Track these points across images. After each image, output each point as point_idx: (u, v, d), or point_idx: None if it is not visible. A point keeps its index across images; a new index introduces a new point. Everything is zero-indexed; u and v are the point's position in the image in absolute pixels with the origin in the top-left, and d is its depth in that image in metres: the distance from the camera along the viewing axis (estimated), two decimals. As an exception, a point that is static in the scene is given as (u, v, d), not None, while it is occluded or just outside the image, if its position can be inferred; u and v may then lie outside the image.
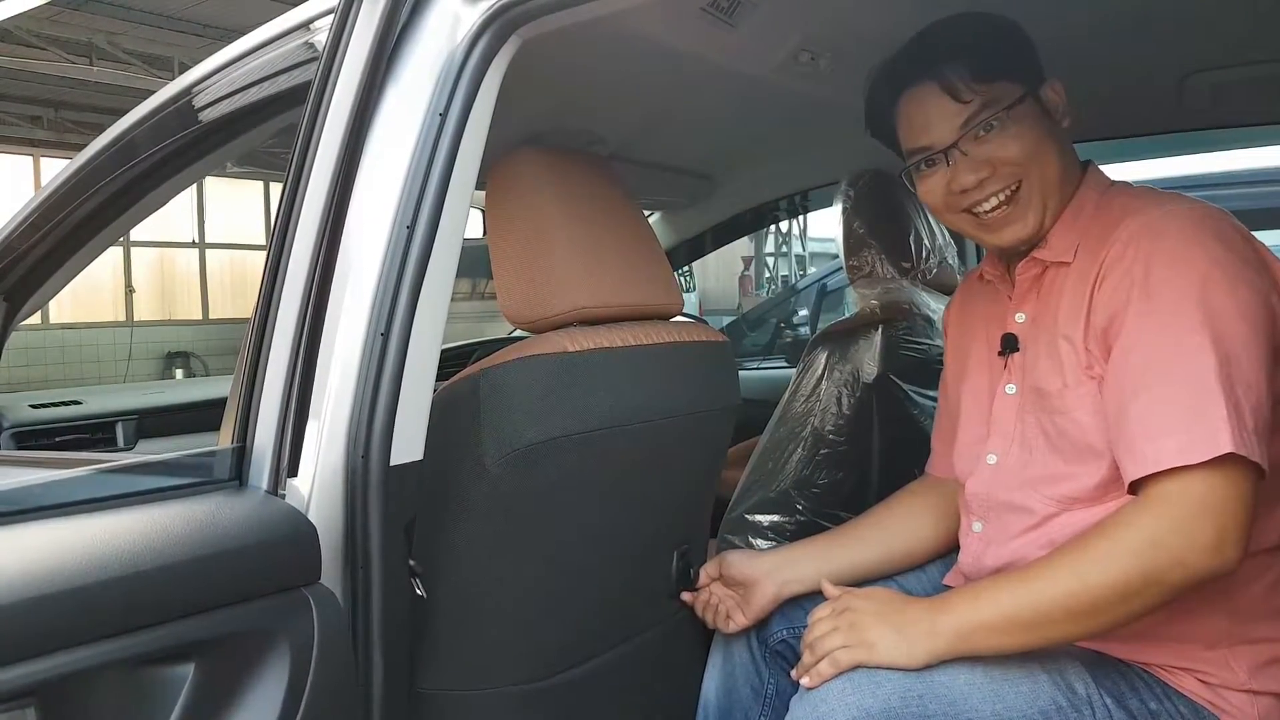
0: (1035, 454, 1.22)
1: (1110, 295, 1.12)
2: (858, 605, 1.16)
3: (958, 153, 1.21)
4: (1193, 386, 1.02)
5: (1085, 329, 1.15)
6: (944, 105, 1.21)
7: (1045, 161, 1.20)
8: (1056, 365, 1.18)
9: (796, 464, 1.85)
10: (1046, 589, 1.06)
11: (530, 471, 1.17)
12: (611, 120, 1.71)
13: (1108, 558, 1.03)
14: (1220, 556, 1.00)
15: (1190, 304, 1.05)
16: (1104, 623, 1.05)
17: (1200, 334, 1.04)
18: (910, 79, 1.24)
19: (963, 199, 1.22)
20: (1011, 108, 1.19)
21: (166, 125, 1.44)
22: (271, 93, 1.29)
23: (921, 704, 1.07)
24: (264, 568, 0.87)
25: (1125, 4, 1.38)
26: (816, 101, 1.72)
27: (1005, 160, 1.20)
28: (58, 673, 0.70)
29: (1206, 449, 1.00)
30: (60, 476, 0.89)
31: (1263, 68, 1.66)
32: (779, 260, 14.43)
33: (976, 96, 1.19)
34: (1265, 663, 1.13)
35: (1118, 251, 1.13)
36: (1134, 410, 1.06)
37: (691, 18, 1.29)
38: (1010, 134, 1.19)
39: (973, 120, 1.20)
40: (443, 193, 1.04)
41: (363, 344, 1.00)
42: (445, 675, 1.22)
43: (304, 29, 1.28)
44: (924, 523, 1.45)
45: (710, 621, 1.45)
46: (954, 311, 1.50)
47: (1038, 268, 1.25)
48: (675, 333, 1.37)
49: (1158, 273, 1.08)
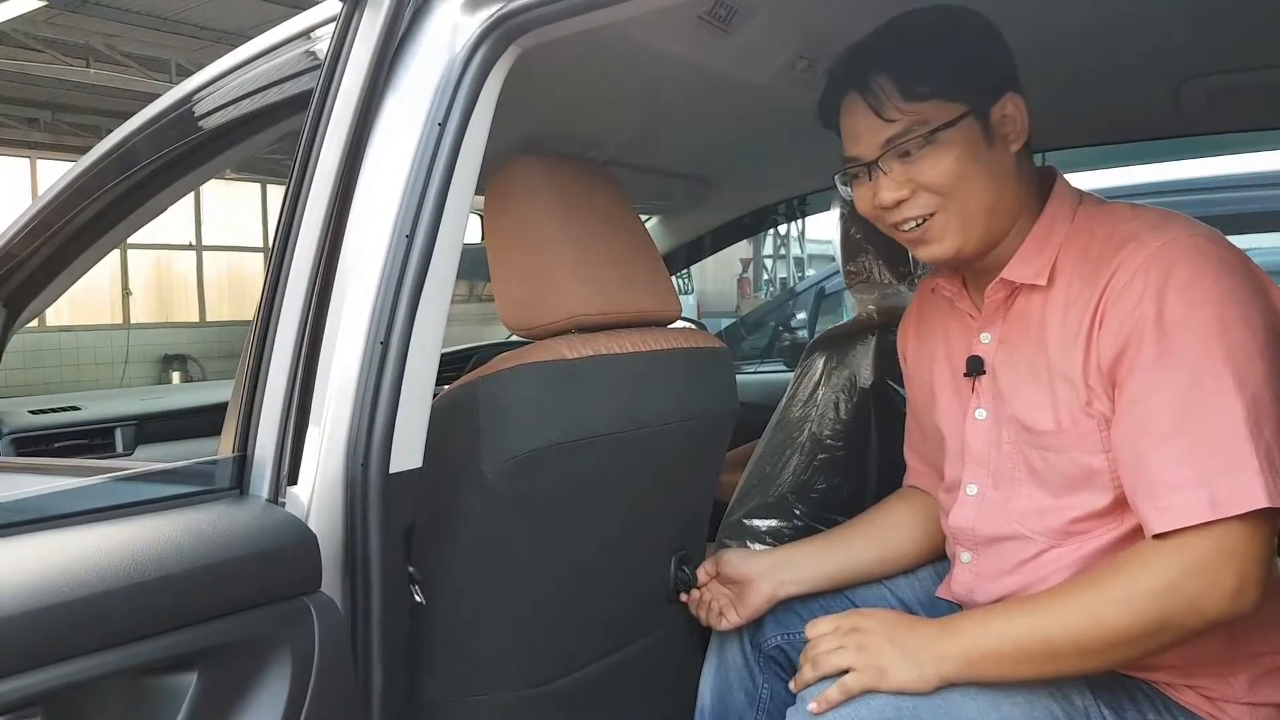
0: (1019, 486, 1.19)
1: (1117, 331, 1.07)
2: (867, 625, 1.14)
3: (879, 169, 1.17)
4: (1221, 434, 1.00)
5: (1085, 364, 1.10)
6: (869, 120, 1.16)
7: (969, 190, 1.14)
8: (1047, 401, 1.14)
9: (794, 469, 1.85)
10: (1058, 623, 1.05)
11: (528, 478, 1.18)
12: (609, 126, 1.72)
13: (1124, 599, 1.02)
14: (1239, 603, 0.99)
15: (1211, 345, 1.02)
16: (1113, 660, 1.05)
17: (1223, 377, 1.00)
18: (845, 88, 1.20)
19: (885, 215, 1.19)
20: (939, 130, 1.13)
21: (168, 131, 1.44)
22: (273, 100, 1.29)
23: (916, 715, 1.07)
24: (266, 576, 0.88)
25: (1121, 11, 1.39)
26: (812, 107, 1.73)
27: (925, 185, 1.14)
28: (63, 683, 0.70)
29: (1241, 502, 0.97)
30: (63, 485, 0.90)
31: (1259, 74, 1.67)
32: (777, 262, 14.44)
33: (902, 116, 1.14)
34: (1263, 674, 1.12)
35: (1121, 283, 1.08)
36: (1155, 458, 1.03)
37: (689, 25, 1.30)
38: (935, 158, 1.13)
39: (895, 140, 1.14)
40: (442, 201, 1.04)
41: (362, 352, 1.01)
42: (444, 682, 1.22)
43: (304, 37, 1.28)
44: (915, 525, 1.45)
45: (704, 618, 1.45)
46: (911, 325, 1.45)
47: (1006, 289, 1.20)
48: (673, 339, 1.37)
49: (1172, 311, 1.04)
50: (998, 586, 1.22)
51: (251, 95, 1.32)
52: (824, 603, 1.41)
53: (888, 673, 1.09)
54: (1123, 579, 1.03)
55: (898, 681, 1.08)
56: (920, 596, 1.43)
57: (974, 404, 1.26)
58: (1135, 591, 1.01)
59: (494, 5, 1.07)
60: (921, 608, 1.40)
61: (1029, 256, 1.18)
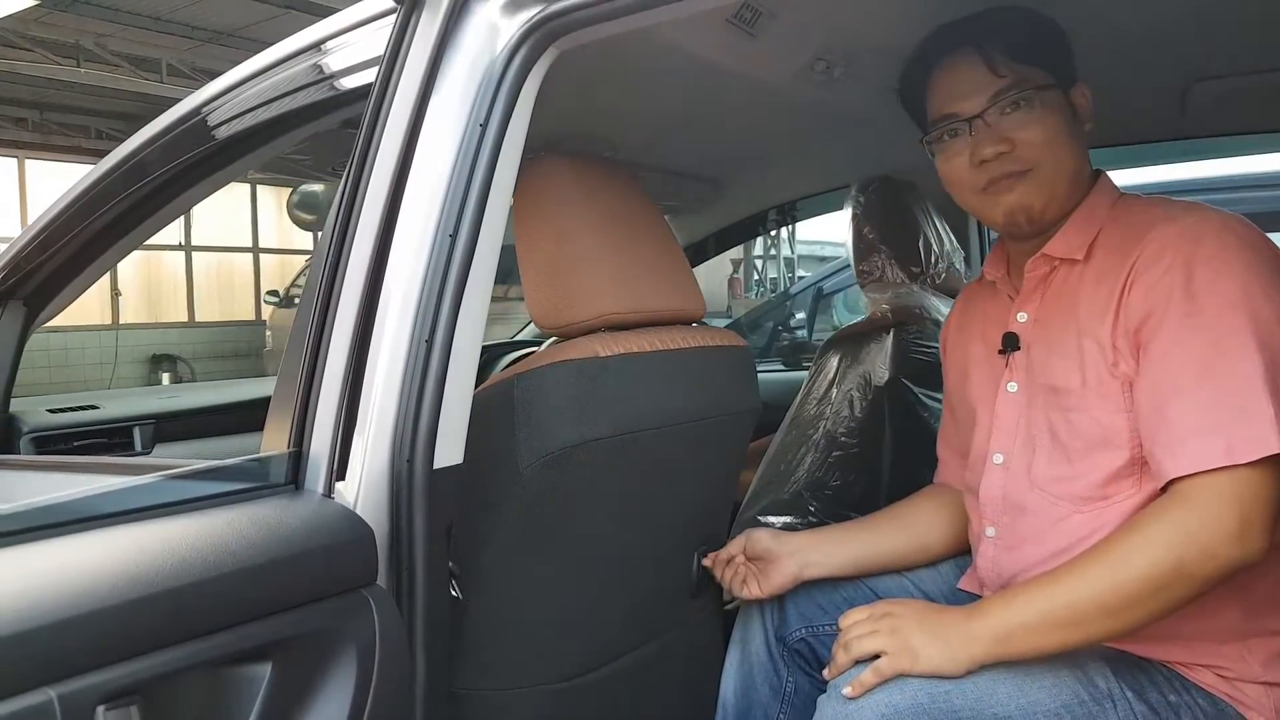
0: (1039, 452, 1.24)
1: (1146, 295, 1.14)
2: (898, 611, 1.17)
3: (982, 123, 1.24)
4: (1239, 387, 1.05)
5: (1114, 327, 1.17)
6: (979, 75, 1.24)
7: (1061, 153, 1.23)
8: (1074, 363, 1.20)
9: (809, 466, 1.88)
10: (1080, 586, 1.08)
11: (563, 474, 1.19)
12: (626, 126, 1.74)
13: (1139, 551, 1.06)
14: (1244, 545, 1.03)
15: (1234, 308, 1.08)
16: (1139, 617, 1.07)
17: (1245, 337, 1.06)
18: (952, 46, 1.28)
19: (980, 173, 1.25)
20: (1041, 90, 1.23)
21: (184, 138, 1.46)
22: (298, 104, 1.31)
23: (948, 699, 1.09)
24: (330, 569, 0.89)
25: (1131, 15, 1.41)
26: (827, 108, 1.75)
27: (1025, 140, 1.22)
28: (156, 672, 0.72)
29: (1255, 449, 1.02)
30: (134, 482, 0.91)
31: (1266, 77, 1.70)
32: (768, 263, 14.47)
33: (1011, 73, 1.23)
34: (1279, 653, 1.16)
35: (1153, 253, 1.15)
36: (1176, 409, 1.08)
37: (716, 27, 1.32)
38: (1035, 116, 1.23)
39: (1003, 94, 1.23)
40: (483, 201, 1.06)
41: (407, 350, 1.02)
42: (479, 675, 1.23)
43: (315, 49, 1.31)
44: (941, 519, 1.48)
45: (726, 584, 1.46)
46: (954, 319, 1.52)
47: (1047, 265, 1.27)
48: (699, 337, 1.39)
49: (1200, 277, 1.11)
50: (1022, 556, 1.26)
51: (276, 100, 1.34)
52: (846, 594, 1.43)
53: (920, 655, 1.11)
54: (1137, 532, 1.07)
55: (930, 664, 1.11)
56: (943, 589, 1.45)
57: (1007, 378, 1.32)
58: (1148, 542, 1.06)
59: (535, 7, 1.08)
60: (944, 599, 1.43)
61: (1070, 234, 1.26)
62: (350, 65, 1.22)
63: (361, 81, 1.20)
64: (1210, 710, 1.14)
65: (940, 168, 1.31)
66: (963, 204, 1.33)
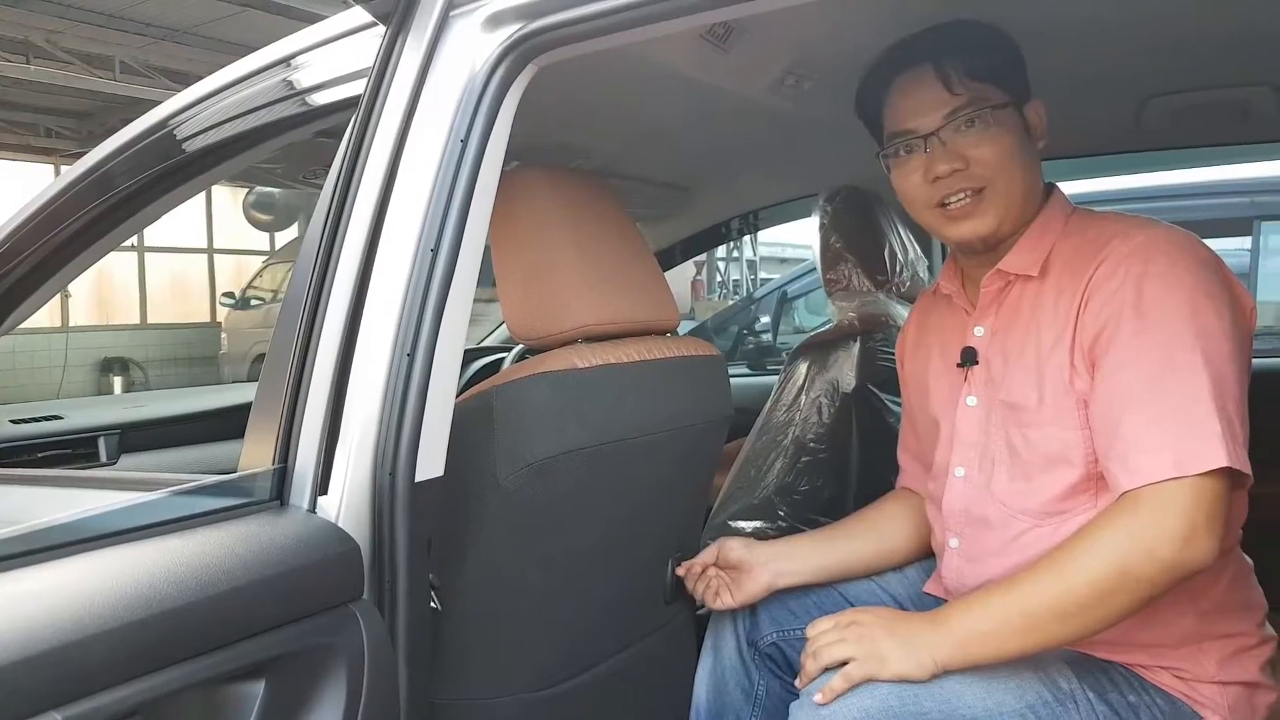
0: (999, 467, 1.28)
1: (1099, 312, 1.17)
2: (865, 619, 1.20)
3: (937, 140, 1.27)
4: (1188, 402, 1.09)
5: (1071, 345, 1.20)
6: (935, 92, 1.27)
7: (1014, 170, 1.26)
8: (1032, 381, 1.23)
9: (778, 472, 1.91)
10: (1033, 593, 1.11)
11: (542, 485, 1.21)
12: (600, 136, 1.75)
13: (1086, 556, 1.09)
14: (1190, 549, 1.06)
15: (1183, 324, 1.12)
16: (1091, 622, 1.10)
17: (1193, 354, 1.10)
18: (909, 63, 1.30)
19: (934, 188, 1.27)
20: (996, 109, 1.25)
21: (155, 148, 1.45)
22: (274, 116, 1.31)
23: (917, 702, 1.12)
24: (319, 585, 0.90)
25: (1087, 32, 1.46)
26: (796, 119, 1.78)
27: (979, 158, 1.25)
28: (157, 693, 0.72)
29: (1202, 462, 1.06)
30: (124, 501, 0.91)
31: (1215, 93, 1.76)
32: (730, 265, 14.56)
33: (966, 91, 1.25)
34: (1232, 654, 1.21)
35: (1107, 270, 1.18)
36: (1128, 424, 1.11)
37: (690, 43, 1.35)
38: (989, 134, 1.25)
39: (958, 111, 1.25)
40: (464, 216, 1.07)
41: (388, 364, 1.03)
42: (459, 686, 1.24)
43: (289, 62, 1.31)
44: (908, 523, 1.51)
45: (699, 595, 1.48)
46: (910, 331, 1.55)
47: (1002, 280, 1.30)
48: (674, 348, 1.41)
49: (1150, 293, 1.14)
50: (985, 569, 1.29)
51: (251, 112, 1.34)
52: (817, 599, 1.46)
53: (888, 661, 1.14)
54: (1085, 539, 1.11)
55: (897, 669, 1.13)
56: (910, 593, 1.49)
57: (966, 391, 1.34)
58: (1096, 546, 1.09)
59: (514, 25, 1.09)
60: (911, 603, 1.46)
61: (1024, 251, 1.28)
62: (327, 79, 1.22)
63: (339, 95, 1.20)
64: (1168, 709, 1.18)
65: (895, 183, 1.34)
66: (917, 219, 1.35)
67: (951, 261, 1.44)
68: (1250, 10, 1.39)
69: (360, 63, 1.17)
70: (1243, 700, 1.20)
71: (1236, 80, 1.71)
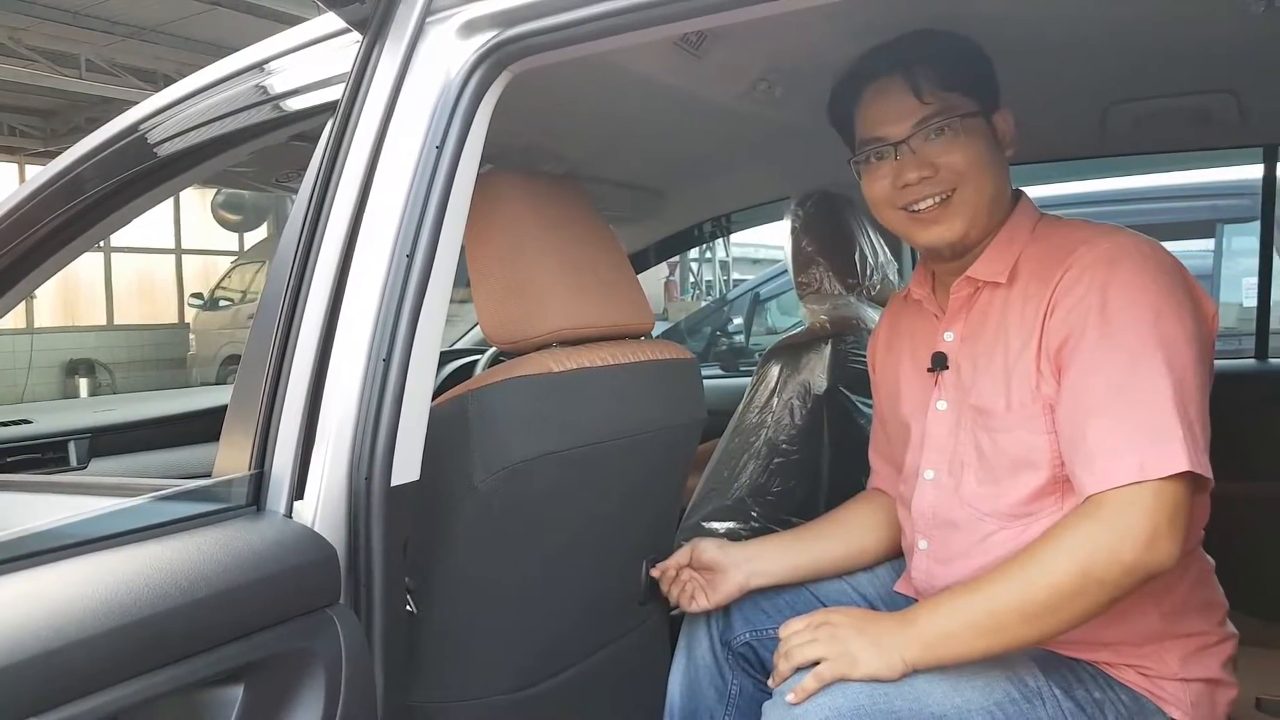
0: (968, 470, 1.30)
1: (1064, 319, 1.20)
2: (836, 620, 1.22)
3: (907, 148, 1.29)
4: (1151, 408, 1.11)
5: (1037, 351, 1.22)
6: (905, 101, 1.29)
7: (982, 177, 1.29)
8: (1000, 386, 1.26)
9: (751, 473, 1.92)
10: (999, 595, 1.14)
11: (517, 488, 1.21)
12: (573, 139, 1.76)
13: (1051, 559, 1.12)
14: (1153, 552, 1.08)
15: (1146, 331, 1.14)
16: (1056, 623, 1.13)
17: (1155, 358, 1.13)
18: (880, 72, 1.32)
19: (903, 194, 1.30)
20: (964, 118, 1.28)
21: (129, 151, 1.44)
22: (241, 124, 1.31)
23: (888, 701, 1.14)
24: (297, 590, 0.90)
25: (1054, 41, 1.48)
26: (769, 124, 1.80)
27: (947, 165, 1.28)
28: (137, 698, 0.73)
29: (1165, 466, 1.08)
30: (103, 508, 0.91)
31: (1176, 100, 1.80)
32: (702, 265, 14.61)
33: (936, 100, 1.28)
34: (1193, 652, 1.24)
35: (1072, 278, 1.21)
36: (1093, 429, 1.14)
37: (664, 50, 1.36)
38: (958, 142, 1.28)
39: (927, 120, 1.28)
40: (439, 222, 1.07)
41: (364, 369, 1.03)
42: (434, 688, 1.25)
43: (259, 69, 1.31)
44: (878, 523, 1.54)
45: (674, 598, 1.50)
46: (881, 334, 1.57)
47: (970, 287, 1.33)
48: (648, 351, 1.43)
49: (1114, 301, 1.17)
50: (953, 570, 1.32)
51: (227, 116, 1.33)
52: (790, 599, 1.48)
53: (858, 661, 1.16)
54: (1051, 542, 1.13)
55: (868, 669, 1.15)
56: (880, 592, 1.51)
57: (936, 396, 1.37)
58: (1060, 548, 1.11)
59: (489, 32, 1.10)
60: (881, 602, 1.48)
61: (992, 258, 1.31)
62: (302, 84, 1.22)
63: (315, 100, 1.20)
64: (1132, 705, 1.21)
65: (865, 189, 1.36)
66: (885, 223, 1.38)
67: (922, 267, 1.46)
68: (1210, 20, 1.42)
69: (335, 68, 1.17)
70: (1204, 696, 1.24)
71: (1197, 88, 1.75)
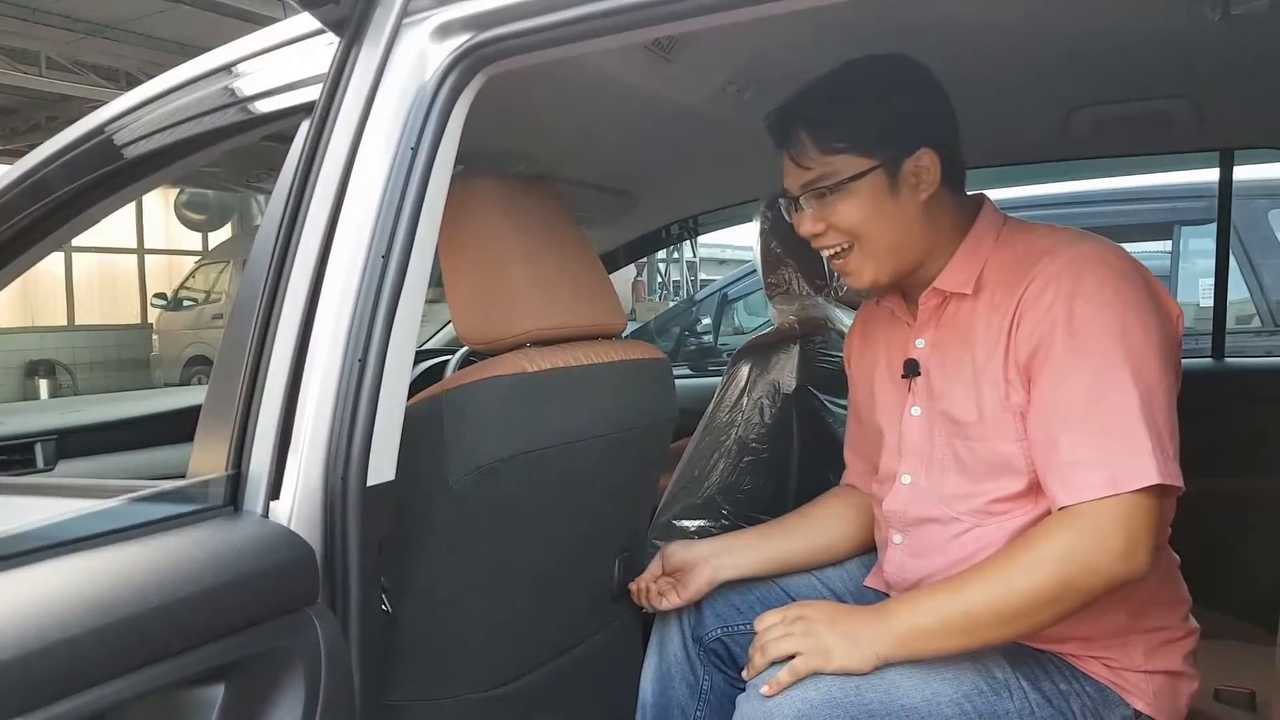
0: (947, 474, 1.32)
1: (1032, 331, 1.22)
2: (810, 614, 1.24)
3: (799, 205, 1.34)
4: (1120, 421, 1.14)
5: (1005, 361, 1.24)
6: (790, 165, 1.35)
7: (875, 232, 1.30)
8: (971, 397, 1.28)
9: (721, 471, 1.94)
10: (977, 596, 1.16)
11: (491, 487, 1.22)
12: (543, 141, 1.77)
13: (1031, 567, 1.14)
14: (1129, 563, 1.12)
15: (1113, 342, 1.17)
16: (1030, 625, 1.16)
17: (1123, 371, 1.15)
18: (780, 130, 1.36)
19: (814, 242, 1.36)
20: (846, 182, 1.28)
21: (97, 151, 1.43)
22: (213, 124, 1.31)
23: (859, 694, 1.16)
24: (276, 590, 0.91)
25: (1017, 47, 1.52)
26: (737, 127, 1.82)
27: (835, 224, 1.31)
28: (122, 697, 0.73)
29: (1136, 479, 1.11)
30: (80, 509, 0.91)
31: (1134, 105, 1.85)
32: (670, 266, 14.65)
33: (816, 165, 1.30)
34: (1157, 646, 1.28)
35: (1038, 289, 1.23)
36: (1064, 442, 1.16)
37: (636, 53, 1.38)
38: (845, 203, 1.30)
39: (810, 184, 1.32)
40: (414, 223, 1.08)
41: (340, 369, 1.04)
42: (408, 687, 1.26)
43: (225, 71, 1.31)
44: (847, 519, 1.56)
45: (646, 603, 1.51)
46: (856, 337, 1.60)
47: (938, 298, 1.35)
48: (621, 351, 1.44)
49: (1080, 312, 1.19)
50: (926, 564, 1.34)
51: (198, 116, 1.33)
52: (760, 595, 1.50)
53: (832, 655, 1.18)
54: (1030, 550, 1.16)
55: (841, 663, 1.17)
56: (850, 587, 1.53)
57: (910, 402, 1.39)
58: (1040, 559, 1.14)
59: (464, 35, 1.11)
60: (851, 597, 1.50)
61: (957, 269, 1.33)
62: (276, 85, 1.22)
63: (288, 101, 1.20)
64: (1097, 696, 1.24)
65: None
66: None
67: None
68: (1169, 27, 1.46)
69: (308, 70, 1.18)
70: (1167, 688, 1.27)
71: (1157, 93, 1.79)
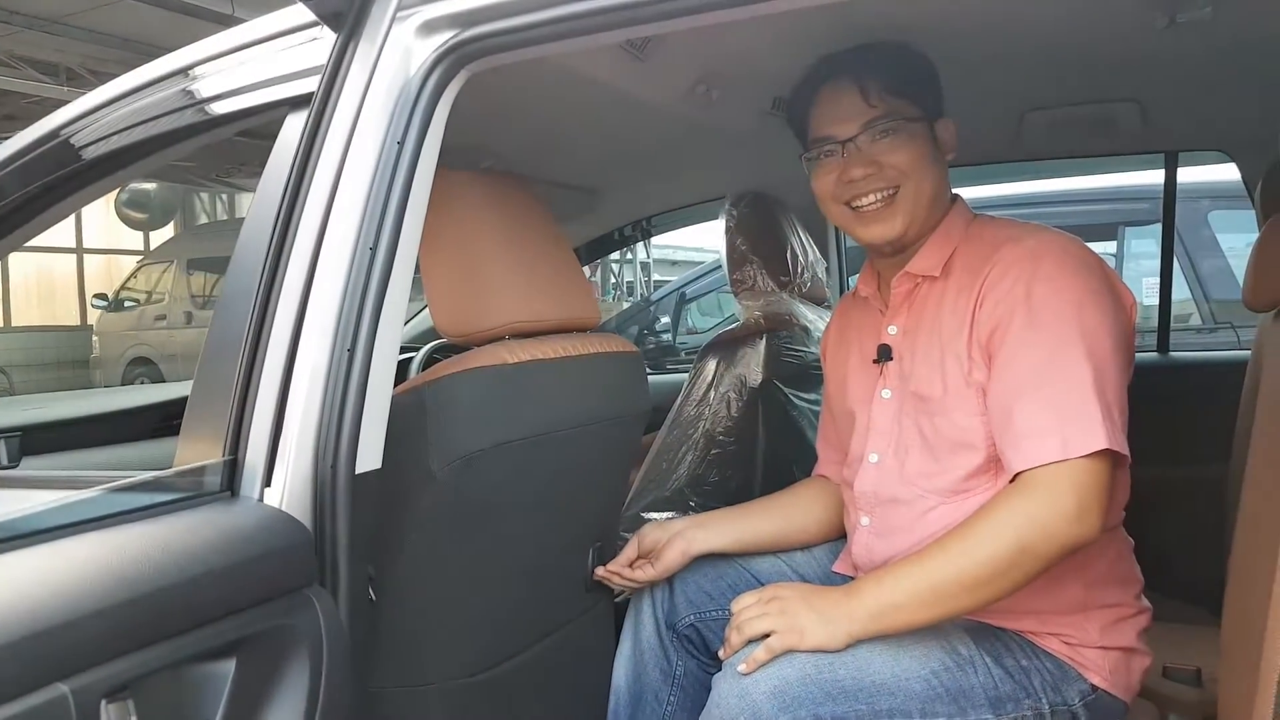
0: (911, 453, 1.39)
1: (993, 310, 1.29)
2: (784, 594, 1.28)
3: (854, 147, 1.39)
4: (1072, 391, 1.21)
5: (969, 339, 1.32)
6: (855, 103, 1.39)
7: (923, 178, 1.39)
8: (937, 373, 1.35)
9: (689, 464, 1.98)
10: (941, 568, 1.22)
11: (474, 477, 1.25)
12: (511, 138, 1.80)
13: (990, 534, 1.20)
14: (1081, 525, 1.18)
15: (1068, 321, 1.24)
16: (993, 592, 1.21)
17: (1077, 348, 1.22)
18: (833, 76, 1.42)
19: (848, 189, 1.40)
20: (909, 122, 1.38)
21: (66, 147, 1.43)
22: (184, 122, 1.31)
23: (832, 670, 1.21)
24: (280, 570, 0.93)
25: (969, 49, 1.57)
26: (706, 127, 1.87)
27: (891, 164, 1.38)
28: (145, 669, 0.76)
29: (1085, 444, 1.18)
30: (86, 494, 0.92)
31: (1085, 109, 1.92)
32: (623, 267, 14.68)
33: (883, 104, 1.38)
34: (1113, 622, 1.34)
35: (999, 273, 1.30)
36: (1019, 411, 1.23)
37: (609, 51, 1.41)
38: (901, 143, 1.38)
39: (874, 122, 1.38)
40: (401, 215, 1.10)
41: (329, 359, 1.05)
42: (391, 673, 1.27)
43: (182, 75, 1.33)
44: (817, 506, 1.62)
45: (618, 583, 1.55)
46: (833, 330, 1.66)
47: (910, 283, 1.42)
48: (596, 344, 1.47)
49: (1038, 294, 1.26)
50: (893, 543, 1.40)
51: (171, 113, 1.33)
52: (731, 581, 1.53)
53: (806, 633, 1.22)
54: (988, 518, 1.21)
55: (815, 640, 1.22)
56: (818, 572, 1.58)
57: (881, 385, 1.46)
58: (997, 526, 1.20)
59: (448, 32, 1.13)
60: (819, 582, 1.55)
61: (928, 254, 1.41)
62: (256, 80, 1.23)
63: (266, 97, 1.21)
64: (1056, 671, 1.30)
65: (814, 183, 1.45)
66: (831, 219, 1.47)
67: (869, 266, 1.55)
68: (1117, 34, 1.53)
69: (291, 64, 1.19)
70: (1121, 664, 1.33)
71: (1105, 96, 1.87)
